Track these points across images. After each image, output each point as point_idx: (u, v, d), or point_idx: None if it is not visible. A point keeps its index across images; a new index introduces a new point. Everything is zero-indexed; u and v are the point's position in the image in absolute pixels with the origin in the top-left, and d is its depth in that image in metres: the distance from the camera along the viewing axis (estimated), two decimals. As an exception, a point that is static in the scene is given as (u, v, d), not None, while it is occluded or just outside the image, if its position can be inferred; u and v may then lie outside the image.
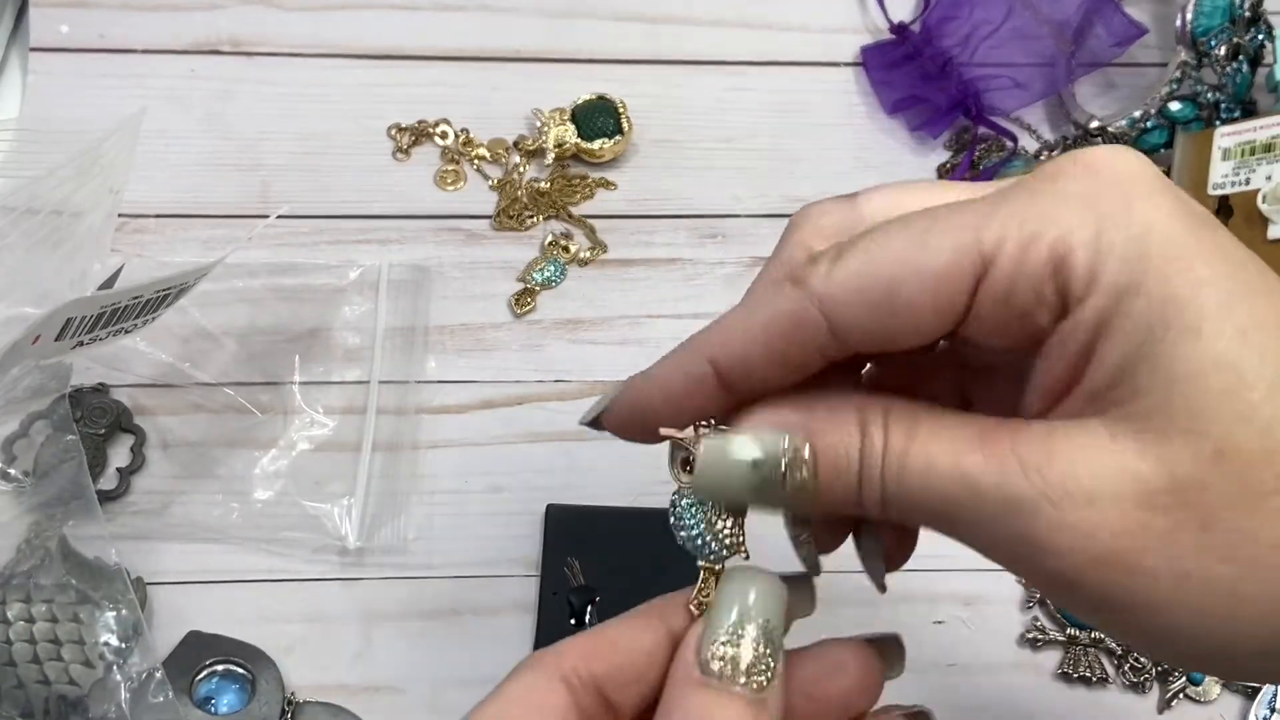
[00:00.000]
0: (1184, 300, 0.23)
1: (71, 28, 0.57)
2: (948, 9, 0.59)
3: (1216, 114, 0.55)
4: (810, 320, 0.25)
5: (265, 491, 0.48)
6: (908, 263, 0.25)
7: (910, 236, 0.25)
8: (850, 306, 0.25)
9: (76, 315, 0.40)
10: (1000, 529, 0.24)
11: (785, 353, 0.26)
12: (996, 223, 0.24)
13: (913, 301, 0.25)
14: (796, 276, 0.26)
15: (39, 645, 0.42)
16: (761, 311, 0.26)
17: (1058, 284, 0.24)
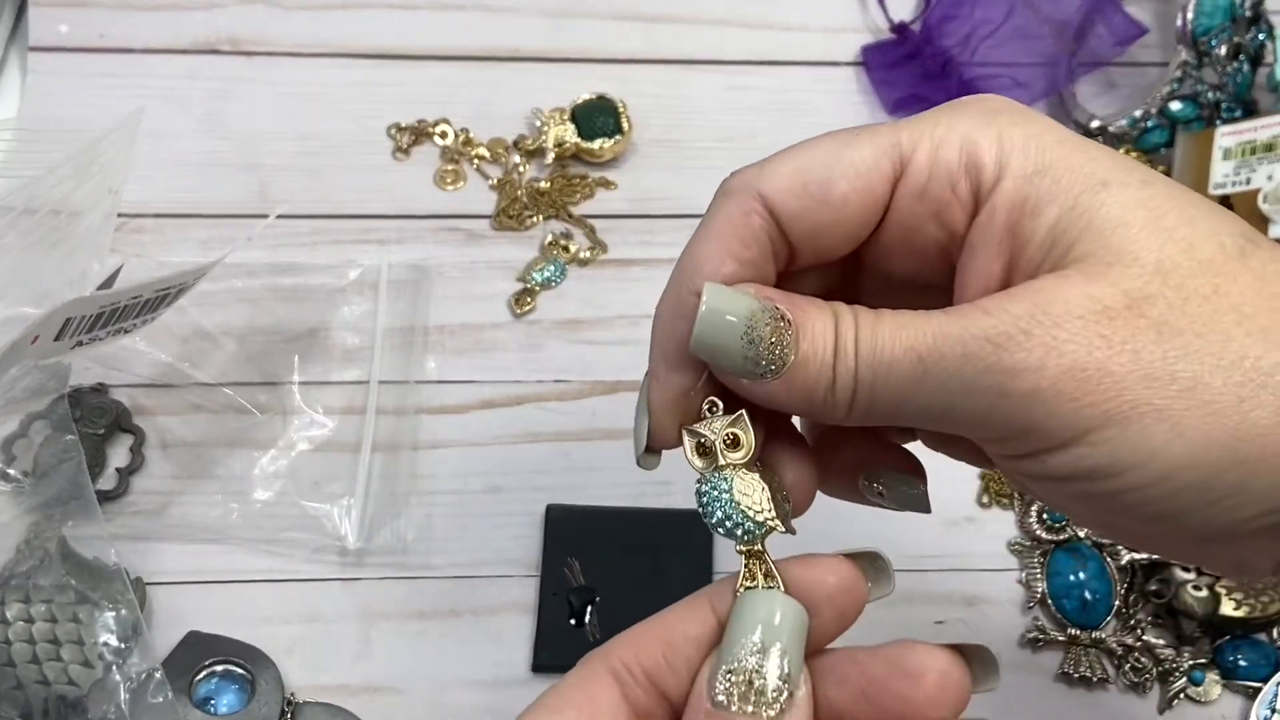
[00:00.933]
0: (1087, 170, 0.26)
1: (71, 27, 0.57)
2: (948, 8, 0.59)
3: (1217, 113, 0.55)
4: (757, 217, 0.28)
5: (264, 492, 0.47)
6: (837, 160, 0.27)
7: (834, 142, 0.28)
8: (789, 198, 0.28)
9: (75, 315, 0.39)
10: (970, 371, 0.25)
11: (745, 255, 0.28)
12: (910, 130, 0.27)
13: (844, 194, 0.27)
14: (729, 189, 0.29)
15: (38, 646, 0.42)
16: (713, 228, 0.29)
17: (970, 178, 0.27)
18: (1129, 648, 0.46)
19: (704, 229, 0.29)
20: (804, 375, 0.26)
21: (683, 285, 0.28)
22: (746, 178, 0.29)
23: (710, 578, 0.46)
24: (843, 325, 0.26)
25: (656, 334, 0.29)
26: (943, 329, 0.25)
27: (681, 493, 0.49)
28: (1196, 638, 0.46)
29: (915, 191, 0.27)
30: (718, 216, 0.29)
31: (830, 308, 0.27)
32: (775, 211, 0.28)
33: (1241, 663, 0.46)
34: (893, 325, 0.26)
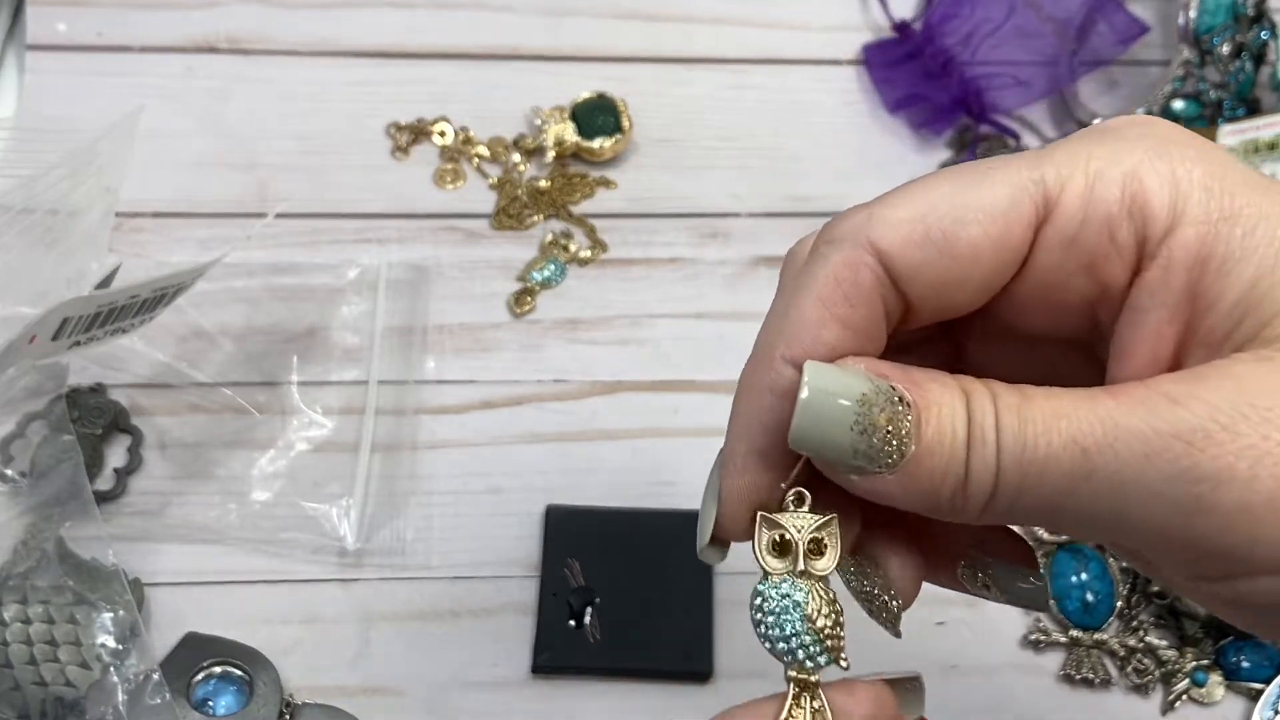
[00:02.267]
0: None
1: (69, 26, 0.57)
2: (950, 7, 0.59)
3: (1220, 112, 0.55)
4: (868, 271, 0.23)
5: (263, 492, 0.47)
6: (966, 202, 0.22)
7: (961, 178, 0.23)
8: (908, 248, 0.23)
9: (73, 315, 0.39)
10: (1155, 475, 0.20)
11: (852, 319, 0.23)
12: (1056, 163, 0.22)
13: (975, 242, 0.22)
14: (829, 236, 0.23)
15: (36, 647, 0.42)
16: (813, 285, 0.23)
17: (1134, 223, 0.22)
18: (1131, 649, 0.46)
19: (801, 284, 0.24)
20: (928, 471, 0.22)
21: (775, 354, 0.23)
22: (854, 223, 0.23)
23: (710, 578, 0.46)
24: (978, 407, 0.22)
25: (740, 411, 0.24)
26: (1116, 419, 0.21)
27: (681, 493, 0.48)
28: (1199, 639, 0.46)
29: (1063, 239, 0.22)
30: (819, 270, 0.23)
31: (959, 384, 0.22)
32: (891, 265, 0.23)
33: (1244, 664, 0.46)
34: (1046, 410, 0.21)
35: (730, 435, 0.24)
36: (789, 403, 0.22)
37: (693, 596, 0.46)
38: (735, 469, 0.24)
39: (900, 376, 0.22)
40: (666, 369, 0.51)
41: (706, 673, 0.44)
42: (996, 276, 0.23)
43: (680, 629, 0.45)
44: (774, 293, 0.25)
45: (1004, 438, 0.21)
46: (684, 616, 0.45)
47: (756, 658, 0.46)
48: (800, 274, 0.24)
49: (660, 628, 0.45)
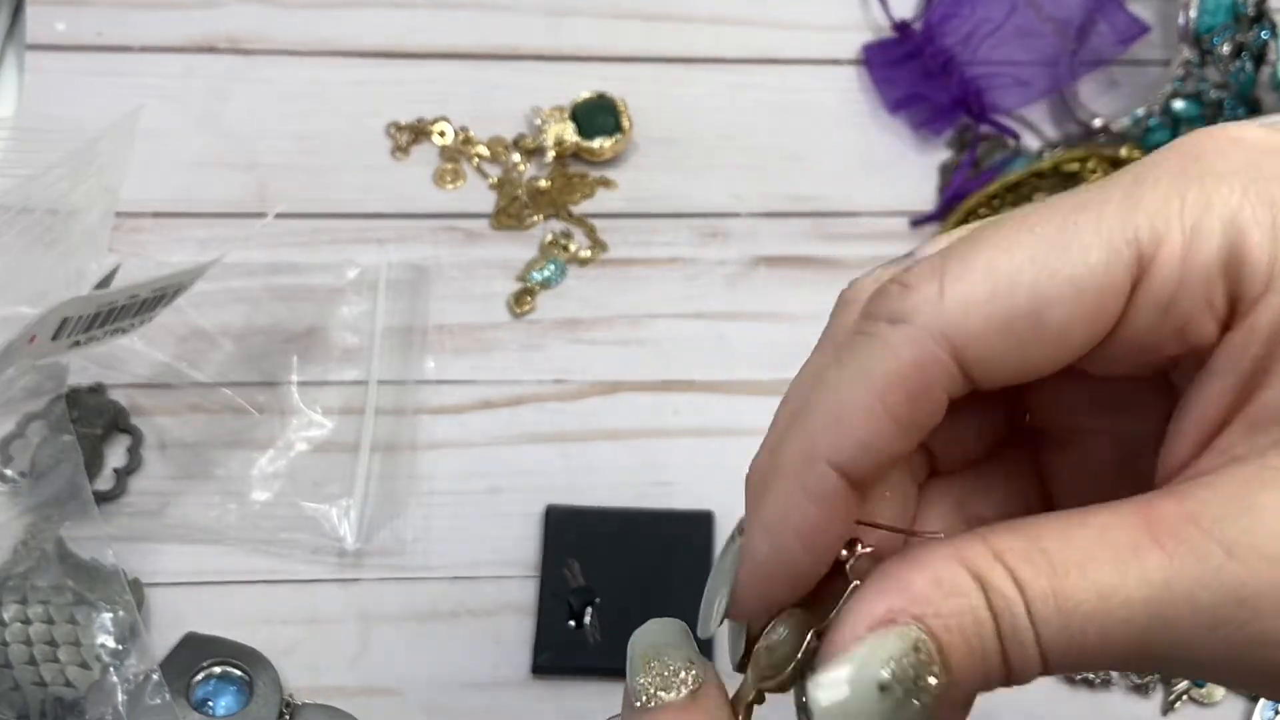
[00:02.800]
0: None
1: (68, 25, 0.57)
2: (950, 7, 0.58)
3: (1220, 112, 0.55)
4: (935, 364, 0.20)
5: (263, 492, 0.47)
6: (1054, 272, 0.19)
7: (1044, 235, 0.20)
8: (984, 337, 0.19)
9: (72, 315, 0.39)
10: (1221, 644, 0.18)
11: (910, 415, 0.20)
12: (1149, 211, 0.19)
13: (1064, 323, 0.19)
14: (892, 312, 0.20)
15: (35, 647, 0.42)
16: (873, 378, 0.20)
17: (1229, 280, 0.19)
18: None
19: (852, 366, 0.20)
20: (967, 687, 0.20)
21: (818, 454, 0.20)
22: (922, 306, 0.20)
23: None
24: (1001, 604, 0.19)
25: (769, 503, 0.21)
26: (1171, 585, 0.18)
27: (681, 493, 0.48)
28: (1199, 639, 0.46)
29: (1157, 305, 0.20)
30: (880, 362, 0.20)
31: (968, 571, 0.19)
32: (965, 356, 0.20)
33: (1244, 664, 0.46)
34: (1087, 589, 0.18)
35: (754, 528, 0.21)
36: (821, 510, 0.20)
37: (693, 597, 0.45)
38: (754, 571, 0.21)
39: (901, 606, 0.19)
40: (666, 369, 0.51)
41: (706, 673, 0.44)
42: (1084, 349, 0.20)
43: (680, 629, 0.45)
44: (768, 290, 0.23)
45: (1043, 633, 0.19)
46: (684, 616, 0.45)
47: (756, 658, 0.46)
48: (855, 352, 0.21)
49: (660, 628, 0.45)
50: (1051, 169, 0.54)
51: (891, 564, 0.20)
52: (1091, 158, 0.54)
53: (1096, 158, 0.53)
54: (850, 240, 0.55)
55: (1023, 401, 0.24)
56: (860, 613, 0.20)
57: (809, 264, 0.54)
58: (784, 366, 0.52)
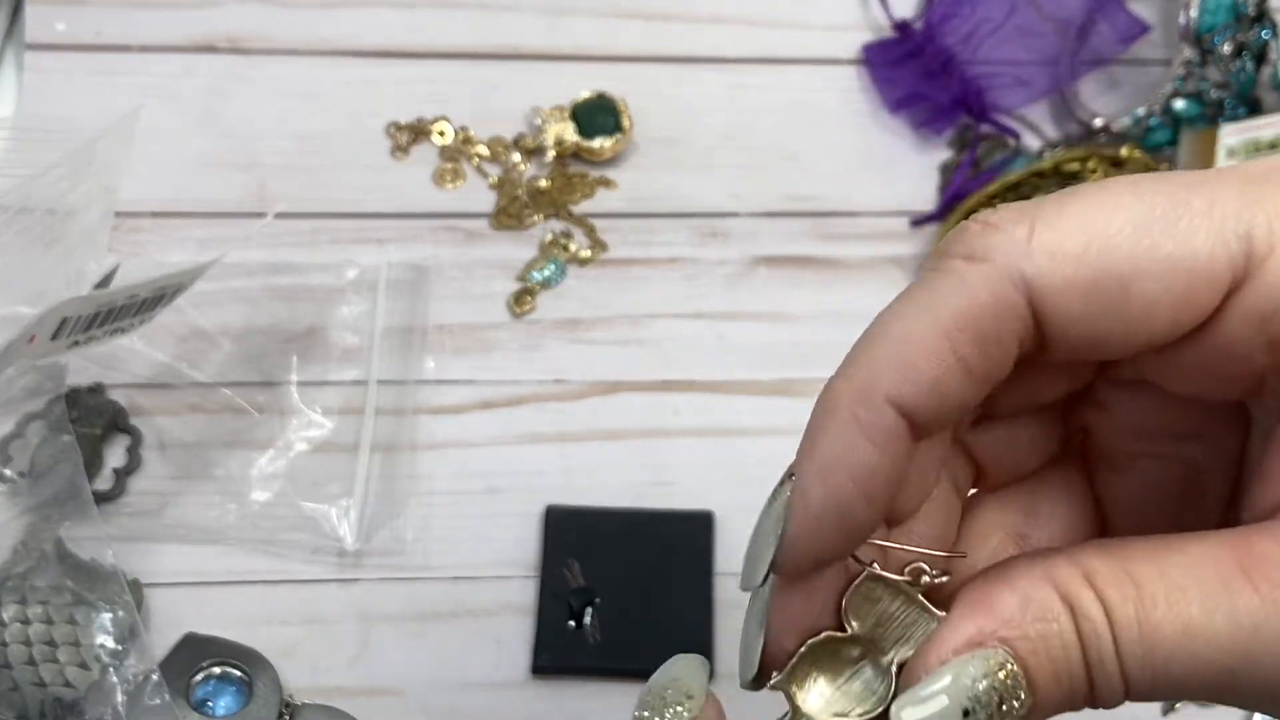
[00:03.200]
0: None
1: (68, 25, 0.57)
2: (950, 6, 0.58)
3: (1221, 112, 0.55)
4: (1010, 309, 0.19)
5: (262, 492, 0.47)
6: (1152, 244, 0.18)
7: (1154, 206, 0.18)
8: (1068, 294, 0.18)
9: (72, 314, 0.39)
10: None
11: (977, 360, 0.19)
12: (1268, 209, 0.18)
13: (1152, 300, 0.18)
14: (972, 250, 0.19)
15: (35, 647, 0.42)
16: (940, 311, 0.19)
17: None
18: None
19: (922, 302, 0.19)
20: (1049, 710, 0.19)
21: (878, 389, 0.19)
22: (1006, 245, 0.19)
23: (710, 579, 0.46)
24: (1089, 630, 0.18)
25: (822, 444, 0.19)
26: (1260, 628, 0.17)
27: (681, 493, 0.48)
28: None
29: (1257, 314, 0.18)
30: (952, 295, 0.19)
31: (1057, 593, 0.19)
32: (1042, 308, 0.19)
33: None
34: (1174, 623, 0.18)
35: (806, 469, 0.20)
36: (879, 450, 0.19)
37: (693, 597, 0.45)
38: (807, 516, 0.20)
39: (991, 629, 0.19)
40: (666, 369, 0.51)
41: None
42: (1164, 337, 0.19)
43: (680, 629, 0.45)
44: (768, 290, 0.22)
45: (1128, 663, 0.18)
46: (684, 617, 0.45)
47: (757, 658, 0.46)
48: (927, 285, 0.19)
49: (660, 628, 0.45)
50: (1052, 169, 0.54)
51: (979, 582, 0.19)
52: (1092, 157, 0.53)
53: (1097, 157, 0.53)
54: (850, 240, 0.55)
55: (1081, 418, 0.23)
56: (949, 634, 0.19)
57: (809, 264, 0.54)
58: (784, 366, 0.53)
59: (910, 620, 0.21)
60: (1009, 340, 0.19)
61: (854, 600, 0.21)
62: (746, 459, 0.49)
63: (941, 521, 0.23)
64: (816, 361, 0.51)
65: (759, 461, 0.49)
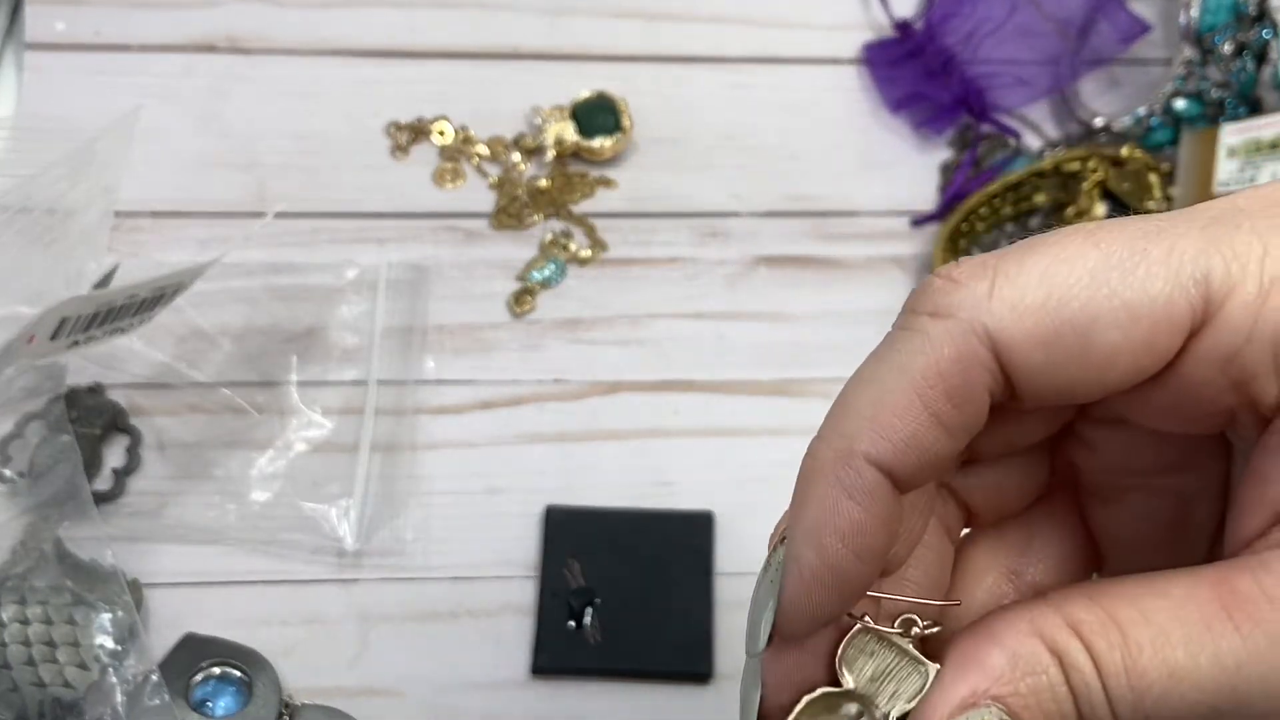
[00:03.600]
0: None
1: (67, 25, 0.57)
2: (951, 6, 0.58)
3: (1221, 111, 0.55)
4: (976, 362, 0.19)
5: (262, 493, 0.47)
6: (1111, 294, 0.18)
7: (1110, 253, 0.19)
8: (1030, 345, 0.19)
9: (71, 314, 0.39)
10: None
11: (950, 414, 0.19)
12: (1226, 254, 0.18)
13: (1112, 348, 0.18)
14: (936, 306, 0.19)
15: (34, 648, 0.42)
16: (911, 371, 0.19)
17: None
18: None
19: (895, 363, 0.20)
20: None
21: (856, 448, 0.20)
22: (969, 300, 0.19)
23: (710, 579, 0.46)
24: (1077, 679, 0.18)
25: (808, 507, 0.20)
26: (1244, 668, 0.18)
27: (681, 493, 0.48)
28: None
29: (1219, 355, 0.19)
30: (920, 356, 0.20)
31: (1044, 645, 0.19)
32: (1008, 360, 0.19)
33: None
34: (1160, 667, 0.18)
35: (795, 535, 0.20)
36: (864, 509, 0.20)
37: (693, 597, 0.45)
38: (801, 580, 0.20)
39: (983, 688, 0.19)
40: (666, 369, 0.51)
41: (706, 673, 0.44)
42: (1128, 382, 0.19)
43: (680, 629, 0.45)
44: (768, 290, 0.22)
45: (1119, 711, 0.18)
46: (684, 617, 0.45)
47: (757, 659, 0.46)
48: (895, 345, 0.20)
49: (660, 628, 0.45)
50: (1052, 168, 0.54)
51: (967, 639, 0.20)
52: (1092, 157, 0.53)
53: (1097, 157, 0.53)
54: (850, 240, 0.55)
55: (1067, 455, 0.23)
56: (941, 697, 0.19)
57: (809, 264, 0.54)
58: (784, 366, 0.53)
59: (904, 673, 0.21)
60: (979, 393, 0.19)
61: (848, 654, 0.22)
62: (746, 459, 0.49)
63: (935, 566, 0.23)
64: (816, 361, 0.51)
65: (759, 461, 0.49)
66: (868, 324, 0.52)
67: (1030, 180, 0.54)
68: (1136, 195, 0.52)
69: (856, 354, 0.21)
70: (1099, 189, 0.52)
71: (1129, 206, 0.52)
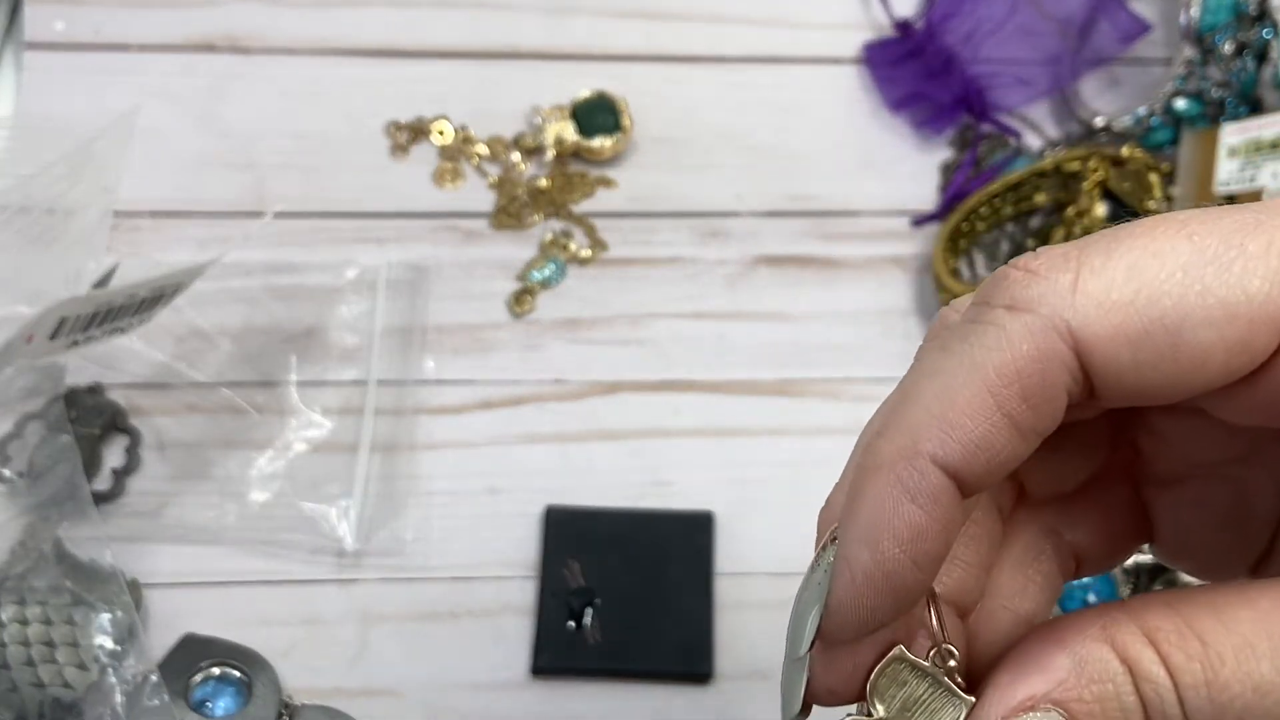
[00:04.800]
0: None
1: (67, 24, 0.57)
2: (951, 5, 0.58)
3: (1222, 111, 0.55)
4: (1057, 361, 0.18)
5: (262, 493, 0.47)
6: (1205, 291, 0.17)
7: (1203, 250, 0.17)
8: (1113, 343, 0.18)
9: (71, 314, 0.39)
10: None
11: (1024, 414, 0.18)
12: None
13: (1206, 345, 0.17)
14: (1014, 299, 0.18)
15: (33, 648, 0.42)
16: (985, 367, 0.18)
17: None
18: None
19: (962, 356, 0.18)
20: None
21: (921, 447, 0.18)
22: (1050, 294, 0.18)
23: (710, 579, 0.46)
24: (1149, 691, 0.18)
25: (864, 507, 0.19)
26: None
27: (681, 493, 0.48)
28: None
29: None
30: (996, 351, 0.18)
31: (1116, 654, 0.18)
32: (1089, 359, 0.18)
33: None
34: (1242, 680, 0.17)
35: (850, 534, 0.19)
36: (926, 513, 0.18)
37: (693, 597, 0.45)
38: (852, 583, 0.19)
39: (1045, 691, 0.18)
40: (666, 369, 0.51)
41: (706, 674, 0.44)
42: (1219, 383, 0.18)
43: (680, 629, 0.45)
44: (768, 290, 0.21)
45: (1194, 715, 0.18)
46: (684, 617, 0.45)
47: (757, 658, 0.46)
48: (967, 337, 0.18)
49: (660, 628, 0.45)
50: (1053, 168, 0.54)
51: (1032, 641, 0.19)
52: (1093, 157, 0.53)
53: (1098, 157, 0.53)
54: (850, 240, 0.55)
55: (1131, 437, 0.22)
56: (999, 699, 0.19)
57: (809, 264, 0.54)
58: (784, 366, 0.53)
59: (938, 705, 0.20)
60: (1057, 393, 0.18)
61: (879, 683, 0.21)
62: (746, 459, 0.49)
63: (985, 545, 0.22)
64: (816, 361, 0.51)
65: (759, 461, 0.49)
66: (868, 324, 0.52)
67: (1031, 180, 0.54)
68: (1137, 195, 0.52)
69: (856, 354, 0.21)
70: (1099, 189, 0.52)
71: (1129, 206, 0.52)
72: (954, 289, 0.51)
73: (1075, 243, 0.19)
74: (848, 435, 0.21)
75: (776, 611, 0.46)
